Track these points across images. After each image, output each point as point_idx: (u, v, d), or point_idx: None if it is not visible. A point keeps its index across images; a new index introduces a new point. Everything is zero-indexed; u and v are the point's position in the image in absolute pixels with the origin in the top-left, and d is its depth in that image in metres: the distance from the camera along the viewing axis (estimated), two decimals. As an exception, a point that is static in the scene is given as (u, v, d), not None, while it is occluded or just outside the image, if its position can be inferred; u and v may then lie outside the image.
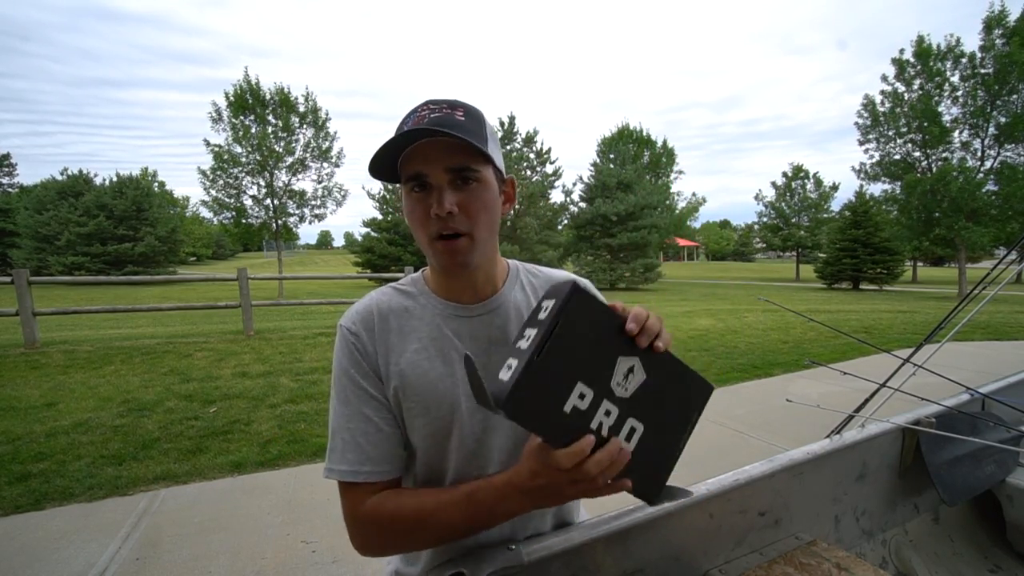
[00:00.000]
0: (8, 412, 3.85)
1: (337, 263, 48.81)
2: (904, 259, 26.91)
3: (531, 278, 0.84)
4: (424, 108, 0.68)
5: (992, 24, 18.18)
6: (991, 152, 19.52)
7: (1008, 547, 1.43)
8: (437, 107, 0.68)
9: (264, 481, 2.91)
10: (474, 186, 0.68)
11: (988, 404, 1.54)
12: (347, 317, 0.77)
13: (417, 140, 0.66)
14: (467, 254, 0.69)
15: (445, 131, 0.63)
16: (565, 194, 27.91)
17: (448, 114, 0.67)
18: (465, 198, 0.67)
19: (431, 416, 0.72)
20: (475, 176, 0.68)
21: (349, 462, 0.70)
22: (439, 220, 0.67)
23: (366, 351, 0.74)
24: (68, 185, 30.12)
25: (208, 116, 19.49)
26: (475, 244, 0.70)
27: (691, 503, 0.89)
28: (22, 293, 5.75)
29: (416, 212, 0.69)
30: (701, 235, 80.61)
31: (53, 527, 2.42)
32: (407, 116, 0.69)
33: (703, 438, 3.48)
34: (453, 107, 0.68)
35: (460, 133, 0.64)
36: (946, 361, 2.31)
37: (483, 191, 0.69)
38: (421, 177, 0.67)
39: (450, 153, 0.66)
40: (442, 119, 0.66)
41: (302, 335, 6.95)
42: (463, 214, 0.67)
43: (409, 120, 0.68)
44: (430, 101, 0.69)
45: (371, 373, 0.73)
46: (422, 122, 0.66)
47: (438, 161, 0.66)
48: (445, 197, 0.66)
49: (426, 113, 0.67)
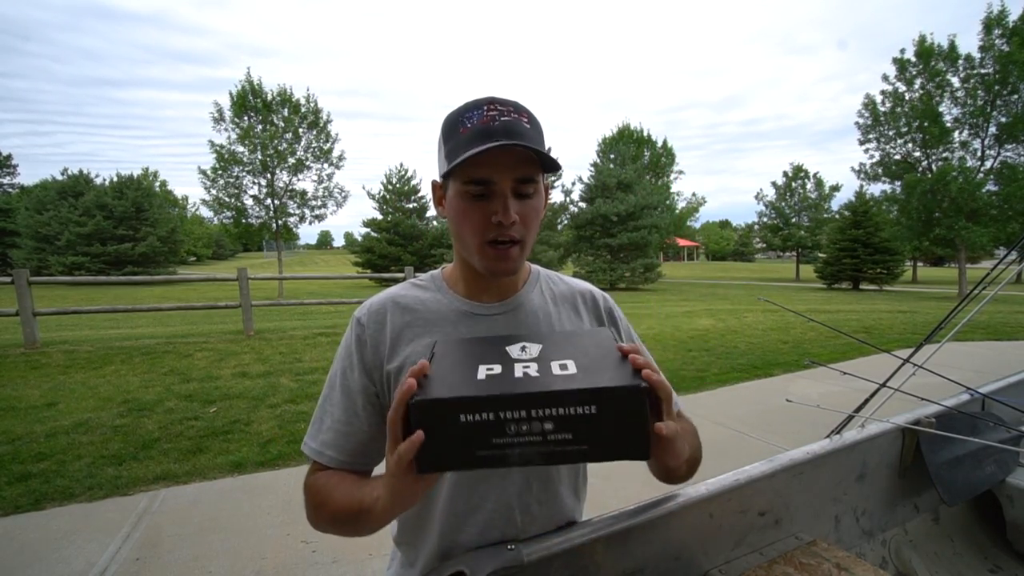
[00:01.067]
0: (8, 412, 3.85)
1: (337, 263, 48.82)
2: (904, 259, 26.92)
3: (551, 285, 0.85)
4: (491, 108, 0.67)
5: (992, 24, 18.19)
6: (991, 152, 19.54)
7: (1008, 547, 1.43)
8: (505, 109, 0.67)
9: (264, 481, 2.91)
10: (533, 196, 0.70)
11: (988, 404, 1.54)
12: (361, 308, 0.79)
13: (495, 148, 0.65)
14: (517, 260, 0.71)
15: (529, 146, 0.64)
16: (565, 194, 27.91)
17: (516, 120, 0.67)
18: (525, 208, 0.69)
19: None
20: (535, 188, 0.69)
21: (319, 441, 0.74)
22: (499, 227, 0.67)
23: (367, 344, 0.75)
24: (68, 185, 30.12)
25: (210, 116, 19.55)
26: (524, 251, 0.72)
27: (691, 503, 0.89)
28: (22, 293, 5.75)
29: (472, 215, 0.68)
30: (701, 235, 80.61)
31: (53, 527, 2.42)
32: (468, 111, 0.68)
33: (703, 438, 3.47)
34: (519, 112, 0.68)
35: (530, 143, 0.65)
36: (946, 361, 2.31)
37: (538, 200, 0.71)
38: (488, 183, 0.67)
39: (520, 163, 0.66)
40: (512, 125, 0.66)
41: (302, 335, 6.95)
42: (521, 223, 0.69)
43: (474, 116, 0.67)
44: (496, 100, 0.68)
45: (365, 366, 0.74)
46: (492, 124, 0.65)
47: (508, 169, 0.66)
48: (511, 204, 0.67)
49: (495, 115, 0.66)
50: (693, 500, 0.90)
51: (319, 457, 0.73)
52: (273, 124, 19.92)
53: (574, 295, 0.84)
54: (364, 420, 0.74)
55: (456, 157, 0.66)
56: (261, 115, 19.84)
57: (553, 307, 0.81)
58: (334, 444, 0.73)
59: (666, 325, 8.67)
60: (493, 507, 0.75)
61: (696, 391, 4.71)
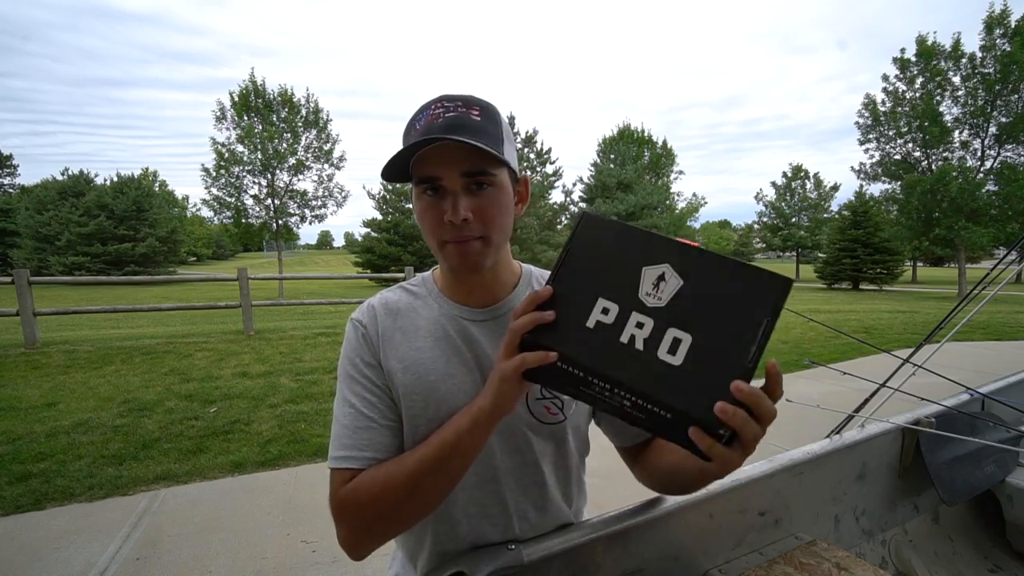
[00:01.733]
0: (9, 412, 3.85)
1: (337, 263, 48.81)
2: (904, 259, 26.93)
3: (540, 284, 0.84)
4: (438, 105, 0.66)
5: (993, 24, 18.18)
6: (991, 152, 19.54)
7: (1008, 547, 1.43)
8: (452, 105, 0.65)
9: (264, 481, 2.91)
10: (489, 191, 0.66)
11: (988, 404, 1.54)
12: (357, 311, 0.78)
13: (432, 144, 0.63)
14: (479, 256, 0.68)
15: (459, 139, 0.61)
16: (565, 194, 27.96)
17: (463, 113, 0.65)
18: (480, 203, 0.66)
19: (428, 416, 0.71)
20: (490, 180, 0.66)
21: (346, 447, 0.69)
22: (452, 227, 0.65)
23: (368, 340, 0.74)
24: (69, 185, 30.14)
25: (212, 114, 19.59)
26: (489, 247, 0.69)
27: (691, 503, 0.89)
28: (22, 293, 5.75)
29: (428, 215, 0.67)
30: (701, 235, 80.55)
31: (53, 527, 2.42)
32: (419, 112, 0.67)
33: (703, 438, 3.47)
34: (468, 105, 0.66)
35: (475, 137, 0.62)
36: (946, 361, 2.31)
37: (498, 195, 0.67)
38: (435, 180, 0.65)
39: (466, 157, 0.64)
40: (458, 120, 0.64)
41: (302, 335, 6.95)
42: (477, 220, 0.66)
43: (422, 118, 0.66)
44: (444, 98, 0.67)
45: (373, 362, 0.73)
46: (436, 121, 0.64)
47: (454, 165, 0.64)
48: (460, 203, 0.64)
49: (440, 111, 0.65)
50: (693, 500, 0.90)
51: (345, 463, 0.68)
52: (273, 124, 19.94)
53: None
54: (378, 415, 0.71)
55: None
56: (262, 115, 19.87)
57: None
58: (369, 444, 0.69)
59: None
60: (489, 511, 0.75)
61: (696, 391, 4.70)
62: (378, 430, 0.70)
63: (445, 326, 0.74)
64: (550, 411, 0.75)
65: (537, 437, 0.75)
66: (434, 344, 0.73)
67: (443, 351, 0.73)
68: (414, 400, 0.71)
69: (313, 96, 20.83)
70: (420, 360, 0.72)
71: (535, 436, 0.75)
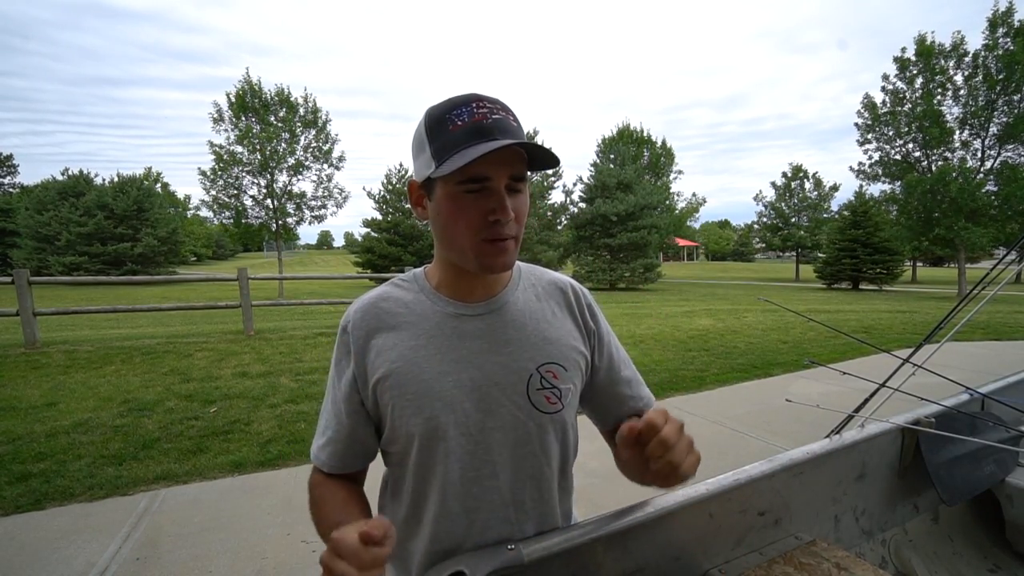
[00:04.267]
0: (8, 412, 3.85)
1: (337, 263, 48.81)
2: (903, 259, 26.91)
3: (534, 280, 0.85)
4: (480, 105, 0.66)
5: (997, 23, 18.15)
6: (991, 152, 19.52)
7: (1007, 547, 1.43)
8: (493, 107, 0.67)
9: (264, 481, 2.91)
10: (524, 192, 0.70)
11: (988, 404, 1.54)
12: (346, 315, 0.79)
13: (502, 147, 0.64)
14: (512, 255, 0.71)
15: (532, 143, 0.65)
16: (565, 194, 27.95)
17: (505, 118, 0.67)
18: (518, 204, 0.69)
19: (424, 415, 0.72)
20: (524, 184, 0.70)
21: (317, 445, 0.80)
22: (495, 225, 0.67)
23: (351, 350, 0.76)
24: (69, 185, 30.11)
25: (209, 116, 19.55)
26: (518, 246, 0.72)
27: (691, 503, 0.89)
28: (22, 293, 5.75)
29: (469, 212, 0.67)
30: (701, 235, 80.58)
31: (53, 527, 2.42)
32: (455, 107, 0.67)
33: (703, 438, 3.49)
34: (505, 110, 0.68)
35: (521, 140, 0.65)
36: (946, 361, 2.31)
37: (527, 198, 0.72)
38: (484, 180, 0.66)
39: (514, 160, 0.67)
40: (504, 123, 0.66)
41: (302, 335, 6.95)
42: (515, 219, 0.69)
43: (463, 114, 0.66)
44: (482, 98, 0.67)
45: (350, 376, 0.75)
46: (486, 121, 0.65)
47: (505, 166, 0.66)
48: (507, 201, 0.67)
49: (486, 112, 0.66)
50: (693, 500, 0.90)
51: (315, 461, 0.80)
52: (271, 124, 19.91)
53: (556, 288, 0.84)
54: (348, 427, 0.76)
55: (447, 155, 0.65)
56: (259, 115, 19.83)
57: (538, 303, 0.81)
58: (326, 450, 0.79)
59: (666, 325, 8.67)
60: (488, 506, 0.75)
61: (696, 391, 4.71)
62: (337, 442, 0.78)
63: (439, 322, 0.75)
64: (549, 400, 0.76)
65: (537, 427, 0.76)
66: (428, 341, 0.74)
67: (437, 347, 0.74)
68: (406, 398, 0.72)
69: (311, 96, 20.82)
70: (412, 358, 0.73)
71: (535, 425, 0.76)
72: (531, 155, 0.68)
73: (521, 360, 0.75)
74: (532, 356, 0.75)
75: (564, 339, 0.79)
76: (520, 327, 0.77)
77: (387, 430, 0.75)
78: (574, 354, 0.79)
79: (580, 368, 0.79)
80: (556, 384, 0.76)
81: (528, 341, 0.76)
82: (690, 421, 3.84)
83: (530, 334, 0.77)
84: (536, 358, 0.75)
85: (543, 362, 0.76)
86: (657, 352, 6.24)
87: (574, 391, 0.78)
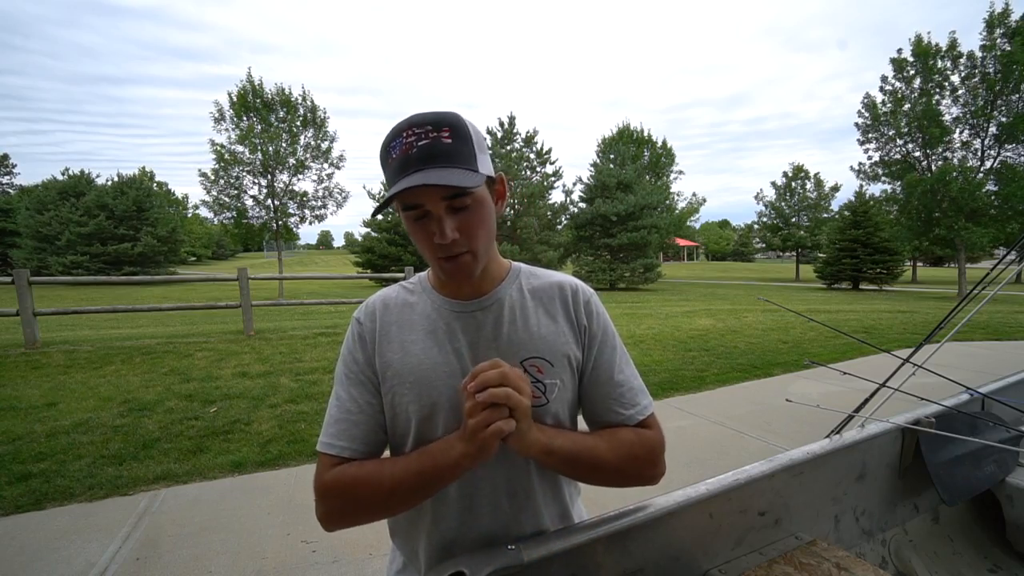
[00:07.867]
0: (9, 412, 3.85)
1: (337, 263, 48.80)
2: (904, 259, 26.89)
3: (531, 279, 0.86)
4: (409, 133, 0.67)
5: (994, 23, 18.15)
6: (991, 152, 19.51)
7: (1008, 547, 1.43)
8: (422, 131, 0.67)
9: (264, 481, 2.91)
10: (470, 208, 0.70)
11: (988, 404, 1.54)
12: (359, 309, 0.85)
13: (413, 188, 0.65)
14: (470, 268, 0.74)
15: (434, 184, 0.64)
16: (565, 194, 27.91)
17: (435, 139, 0.67)
18: (463, 221, 0.70)
19: (422, 403, 0.76)
20: (470, 199, 0.69)
21: (329, 435, 0.77)
22: (442, 246, 0.70)
23: (365, 339, 0.81)
24: (69, 185, 30.09)
25: (211, 116, 19.53)
26: (477, 257, 0.74)
27: (691, 503, 0.89)
28: (22, 293, 5.75)
29: (418, 237, 0.72)
30: (701, 235, 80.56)
31: (54, 527, 2.42)
32: (392, 138, 0.69)
33: (703, 438, 3.48)
34: (438, 127, 0.67)
35: (450, 162, 0.66)
36: (946, 361, 2.31)
37: (479, 208, 0.71)
38: (419, 207, 0.69)
39: (445, 182, 0.67)
40: (431, 148, 0.66)
41: (302, 335, 6.95)
42: (464, 236, 0.70)
43: (396, 147, 0.68)
44: (414, 123, 0.68)
45: (366, 360, 0.80)
46: (411, 152, 0.66)
47: (434, 192, 0.67)
48: (446, 225, 0.68)
49: (412, 140, 0.67)
50: (693, 500, 0.90)
51: (331, 449, 0.76)
52: (272, 124, 19.90)
53: (551, 289, 0.85)
54: (368, 411, 0.78)
55: (391, 186, 0.69)
56: (261, 115, 19.83)
57: (530, 301, 0.83)
58: (345, 434, 0.77)
59: (666, 325, 8.66)
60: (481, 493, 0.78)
61: (696, 391, 4.71)
62: (356, 424, 0.77)
63: (436, 320, 0.80)
64: (533, 394, 0.77)
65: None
66: (426, 336, 0.79)
67: (436, 341, 0.79)
68: (406, 387, 0.77)
69: (309, 94, 20.80)
70: (413, 351, 0.78)
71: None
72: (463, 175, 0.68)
73: (507, 354, 0.77)
74: (517, 351, 0.78)
75: (553, 336, 0.80)
76: (508, 323, 0.80)
77: (389, 418, 0.79)
78: (563, 350, 0.80)
79: (569, 365, 0.80)
80: (540, 378, 0.78)
81: (515, 336, 0.79)
82: (690, 421, 3.84)
83: (517, 329, 0.79)
84: (521, 352, 0.78)
85: (527, 356, 0.78)
86: (657, 352, 6.24)
87: (561, 386, 0.79)
